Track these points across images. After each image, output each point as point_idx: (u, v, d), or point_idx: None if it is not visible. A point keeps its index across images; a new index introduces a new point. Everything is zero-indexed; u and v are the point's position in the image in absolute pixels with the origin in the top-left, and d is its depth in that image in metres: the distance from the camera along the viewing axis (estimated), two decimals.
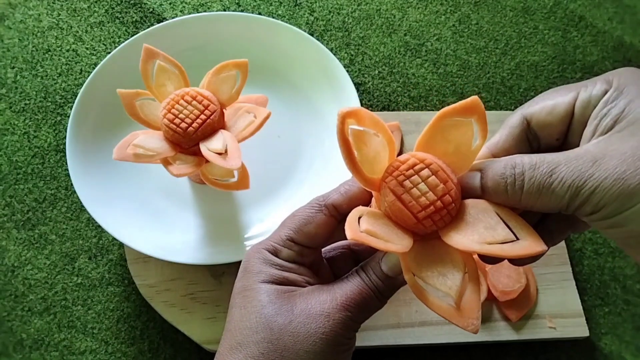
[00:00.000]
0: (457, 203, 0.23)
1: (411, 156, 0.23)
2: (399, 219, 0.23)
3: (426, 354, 0.43)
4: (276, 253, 0.26)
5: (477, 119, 0.23)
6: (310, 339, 0.23)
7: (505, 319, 0.42)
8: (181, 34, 0.46)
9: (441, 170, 0.23)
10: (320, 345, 0.23)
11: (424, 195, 0.22)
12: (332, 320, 0.24)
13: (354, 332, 0.25)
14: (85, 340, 0.43)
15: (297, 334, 0.24)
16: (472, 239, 0.22)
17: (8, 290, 0.44)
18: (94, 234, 0.46)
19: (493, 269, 0.43)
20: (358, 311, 0.24)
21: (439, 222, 0.23)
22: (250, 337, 0.24)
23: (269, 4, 0.58)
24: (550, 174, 0.21)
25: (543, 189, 0.21)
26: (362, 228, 0.22)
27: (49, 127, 0.50)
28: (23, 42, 0.54)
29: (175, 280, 0.43)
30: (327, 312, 0.24)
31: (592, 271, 0.47)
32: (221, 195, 0.43)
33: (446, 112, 0.23)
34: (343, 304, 0.24)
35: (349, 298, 0.24)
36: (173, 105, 0.36)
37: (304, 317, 0.24)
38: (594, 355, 0.44)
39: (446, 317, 0.21)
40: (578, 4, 0.60)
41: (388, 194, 0.23)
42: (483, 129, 0.23)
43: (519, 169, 0.22)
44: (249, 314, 0.25)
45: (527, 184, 0.22)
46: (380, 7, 0.59)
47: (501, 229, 0.21)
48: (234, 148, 0.34)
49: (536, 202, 0.22)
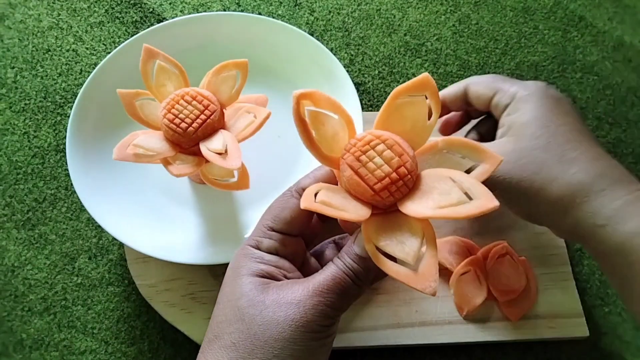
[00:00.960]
0: (413, 175, 0.24)
1: (368, 133, 0.24)
2: (357, 192, 0.24)
3: (426, 354, 0.43)
4: (258, 246, 0.27)
5: (430, 95, 0.24)
6: (279, 326, 0.24)
7: (505, 319, 0.42)
8: (181, 34, 0.46)
9: (397, 144, 0.24)
10: (290, 332, 0.23)
11: (380, 168, 0.23)
12: (303, 307, 0.24)
13: (330, 319, 0.25)
14: (85, 340, 0.43)
15: (267, 323, 0.24)
16: (426, 205, 0.22)
17: (8, 290, 0.44)
18: (94, 234, 0.46)
19: (493, 269, 0.43)
20: (333, 297, 0.24)
21: (396, 194, 0.23)
22: (225, 329, 0.25)
23: (269, 4, 0.58)
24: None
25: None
26: (318, 199, 0.23)
27: (49, 127, 0.50)
28: (23, 42, 0.54)
29: (175, 280, 0.43)
30: (297, 300, 0.24)
31: (592, 271, 0.47)
32: (221, 195, 0.43)
33: (399, 90, 0.24)
34: (315, 290, 0.24)
35: (321, 284, 0.24)
36: (173, 105, 0.36)
37: (275, 306, 0.24)
38: (594, 355, 0.44)
39: (405, 281, 0.22)
40: (578, 4, 0.60)
41: (346, 169, 0.24)
42: (436, 103, 0.24)
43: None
44: (225, 307, 0.25)
45: None
46: (380, 7, 0.59)
47: (455, 193, 0.22)
48: (234, 148, 0.34)
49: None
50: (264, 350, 0.23)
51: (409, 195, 0.24)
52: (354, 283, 0.25)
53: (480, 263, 0.43)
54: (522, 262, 0.44)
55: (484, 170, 0.23)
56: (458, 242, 0.44)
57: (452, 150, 0.24)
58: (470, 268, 0.43)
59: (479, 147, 0.24)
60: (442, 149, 0.25)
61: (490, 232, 0.46)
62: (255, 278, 0.26)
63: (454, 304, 0.43)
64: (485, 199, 0.21)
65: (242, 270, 0.26)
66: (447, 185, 0.23)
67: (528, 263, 0.44)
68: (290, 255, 0.28)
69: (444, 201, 0.22)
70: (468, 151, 0.24)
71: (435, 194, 0.23)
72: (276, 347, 0.23)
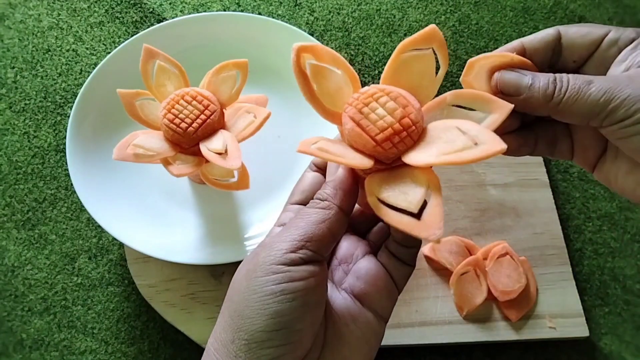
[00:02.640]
0: (418, 127, 0.23)
1: (372, 87, 0.24)
2: (359, 144, 0.23)
3: (426, 354, 0.43)
4: (279, 221, 0.27)
5: (438, 47, 0.23)
6: (239, 281, 0.23)
7: (505, 319, 0.42)
8: (181, 34, 0.46)
9: (401, 96, 0.23)
10: (245, 283, 0.23)
11: (382, 118, 0.23)
12: (257, 254, 0.23)
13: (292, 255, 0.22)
14: (85, 340, 0.43)
15: (234, 282, 0.24)
16: (430, 153, 0.22)
17: (8, 290, 0.44)
18: (94, 234, 0.46)
19: (493, 269, 0.43)
20: (293, 231, 0.23)
21: (399, 145, 0.23)
22: (223, 308, 0.25)
23: (269, 4, 0.58)
24: (589, 82, 0.24)
25: (581, 93, 0.24)
26: (316, 146, 0.22)
27: (49, 127, 0.50)
28: (23, 42, 0.54)
29: (175, 280, 0.43)
30: (257, 251, 0.24)
31: (592, 271, 0.47)
32: (221, 195, 0.43)
33: (405, 44, 0.23)
34: (273, 236, 0.24)
35: (282, 230, 0.24)
36: (173, 105, 0.36)
37: (245, 265, 0.24)
38: (594, 355, 0.44)
39: (407, 229, 0.21)
40: (578, 4, 0.60)
41: (348, 121, 0.23)
42: (444, 56, 0.23)
43: (562, 77, 0.25)
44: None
45: (570, 88, 0.24)
46: (380, 7, 0.59)
47: (460, 140, 0.21)
48: (234, 148, 0.34)
49: (572, 107, 0.24)
50: (229, 309, 0.23)
51: (413, 148, 0.23)
52: (321, 208, 0.24)
53: (480, 263, 0.43)
54: (522, 262, 0.44)
55: (493, 120, 0.22)
56: (458, 242, 0.44)
57: (460, 103, 0.23)
58: (470, 268, 0.43)
59: (488, 97, 0.23)
60: (450, 102, 0.24)
61: (490, 232, 0.46)
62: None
63: (454, 304, 0.43)
64: (492, 143, 0.20)
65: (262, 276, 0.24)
66: (452, 134, 0.22)
67: (528, 263, 0.44)
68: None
69: (449, 148, 0.21)
70: (477, 102, 0.23)
71: (441, 142, 0.22)
72: (235, 301, 0.23)
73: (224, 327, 0.23)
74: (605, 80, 0.24)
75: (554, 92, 0.25)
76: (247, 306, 0.22)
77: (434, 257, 0.44)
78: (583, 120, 0.24)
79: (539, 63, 0.28)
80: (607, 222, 0.49)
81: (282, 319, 0.22)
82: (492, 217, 0.47)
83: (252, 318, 0.22)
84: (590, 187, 0.51)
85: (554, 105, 0.24)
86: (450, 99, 0.24)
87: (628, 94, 0.23)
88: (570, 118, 0.25)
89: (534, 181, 0.49)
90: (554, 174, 0.51)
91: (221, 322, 0.24)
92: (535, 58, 0.28)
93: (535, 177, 0.49)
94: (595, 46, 0.28)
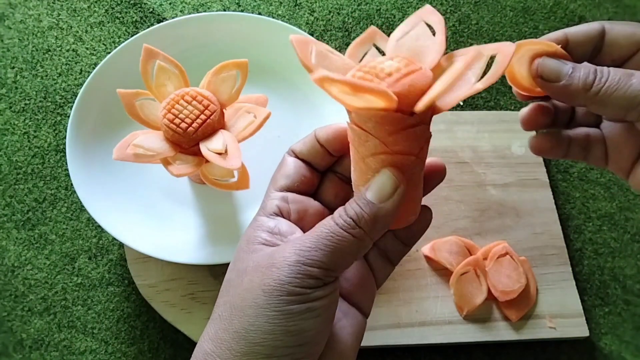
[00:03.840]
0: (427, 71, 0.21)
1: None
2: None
3: (426, 354, 0.43)
4: (263, 210, 0.26)
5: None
6: (253, 293, 0.22)
7: (505, 319, 0.42)
8: (181, 34, 0.46)
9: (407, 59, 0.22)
10: (263, 298, 0.21)
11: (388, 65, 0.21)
12: (277, 269, 0.22)
13: (314, 279, 0.22)
14: (85, 340, 0.43)
15: (244, 291, 0.22)
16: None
17: (8, 290, 0.44)
18: (94, 234, 0.46)
19: (493, 269, 0.43)
20: (318, 254, 0.22)
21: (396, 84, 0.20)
22: (217, 304, 0.24)
23: (269, 4, 0.58)
24: (630, 75, 0.24)
25: (621, 82, 0.24)
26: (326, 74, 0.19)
27: (49, 127, 0.50)
28: (23, 42, 0.54)
29: (175, 280, 0.43)
30: (273, 262, 0.22)
31: (592, 271, 0.47)
32: (221, 195, 0.43)
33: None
34: (294, 249, 0.22)
35: (303, 242, 0.22)
36: (173, 105, 0.36)
37: (253, 273, 0.23)
38: (594, 355, 0.44)
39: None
40: (578, 4, 0.60)
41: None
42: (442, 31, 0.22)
43: (602, 69, 0.25)
44: (223, 284, 0.25)
45: (610, 79, 0.24)
46: (380, 7, 0.59)
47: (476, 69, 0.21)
48: (234, 148, 0.34)
49: (610, 98, 0.24)
50: (241, 320, 0.22)
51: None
52: (352, 236, 0.22)
53: (480, 263, 0.43)
54: (522, 262, 0.44)
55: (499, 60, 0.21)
56: (458, 242, 0.44)
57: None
58: (470, 268, 0.43)
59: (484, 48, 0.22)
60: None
61: (490, 232, 0.46)
62: (250, 246, 0.24)
63: (454, 304, 0.43)
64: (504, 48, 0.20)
65: (241, 242, 0.25)
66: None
67: (528, 263, 0.44)
68: (295, 214, 0.26)
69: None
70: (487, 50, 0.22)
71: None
72: (251, 314, 0.22)
73: (234, 337, 0.22)
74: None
75: (594, 81, 0.25)
76: (267, 322, 0.21)
77: (434, 257, 0.44)
78: (620, 112, 0.24)
79: (579, 57, 0.27)
80: (607, 222, 0.49)
81: (307, 334, 0.22)
82: (492, 217, 0.47)
83: (275, 334, 0.21)
84: (590, 187, 0.51)
85: (593, 95, 0.24)
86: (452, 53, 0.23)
87: None
88: (608, 109, 0.25)
89: (534, 181, 0.49)
90: (554, 174, 0.51)
91: (227, 330, 0.22)
92: (576, 51, 0.27)
93: (535, 177, 0.49)
94: (638, 48, 0.27)
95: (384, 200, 0.22)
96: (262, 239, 0.24)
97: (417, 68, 0.21)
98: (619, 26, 0.27)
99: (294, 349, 0.22)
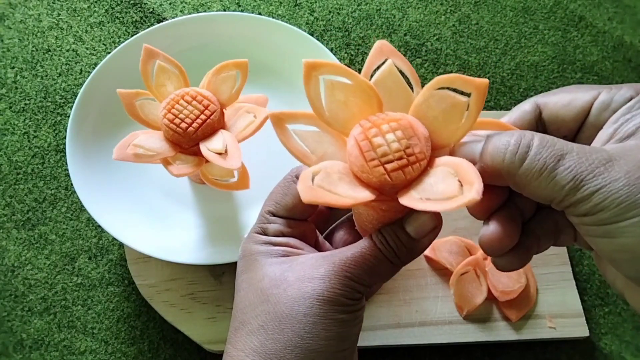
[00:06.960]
0: (421, 159, 0.22)
1: (387, 114, 0.23)
2: (354, 165, 0.22)
3: (426, 354, 0.43)
4: (265, 232, 0.26)
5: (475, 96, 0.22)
6: (307, 302, 0.23)
7: (505, 319, 0.42)
8: (181, 34, 0.46)
9: (411, 128, 0.22)
10: (319, 306, 0.23)
11: (388, 146, 0.22)
12: (329, 282, 0.23)
13: (359, 294, 0.24)
14: (85, 340, 0.43)
15: (293, 300, 0.23)
16: (414, 196, 0.21)
17: (8, 290, 0.44)
18: (94, 234, 0.46)
19: (493, 269, 0.43)
20: (361, 272, 0.23)
21: (393, 175, 0.21)
22: (250, 314, 0.24)
23: (269, 4, 0.58)
24: (559, 158, 0.20)
25: (545, 171, 0.20)
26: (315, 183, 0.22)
27: (49, 127, 0.50)
28: (23, 42, 0.54)
29: (175, 280, 0.43)
30: (322, 275, 0.23)
31: (592, 271, 0.47)
32: (221, 195, 0.43)
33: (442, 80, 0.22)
34: (342, 264, 0.23)
35: (349, 259, 0.23)
36: (173, 105, 0.36)
37: (299, 283, 0.23)
38: (594, 355, 0.44)
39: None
40: (578, 4, 0.60)
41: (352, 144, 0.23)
42: (477, 105, 0.22)
43: (526, 141, 0.20)
44: (247, 293, 0.25)
45: (531, 159, 0.20)
46: (380, 7, 0.59)
47: (445, 185, 0.21)
48: (234, 148, 0.34)
49: (531, 183, 0.20)
50: (294, 328, 0.23)
51: (413, 183, 0.22)
52: (390, 261, 0.24)
53: (480, 263, 0.43)
54: None
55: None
56: (458, 242, 0.44)
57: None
58: (470, 268, 0.43)
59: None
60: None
61: None
62: (273, 258, 0.25)
63: (454, 304, 0.43)
64: (472, 193, 0.20)
65: (256, 255, 0.25)
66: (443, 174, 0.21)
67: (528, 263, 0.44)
68: (299, 235, 0.26)
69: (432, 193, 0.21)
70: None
71: (428, 183, 0.21)
72: (307, 322, 0.23)
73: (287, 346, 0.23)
74: (580, 159, 0.19)
75: (505, 156, 0.21)
76: (324, 329, 0.23)
77: (434, 257, 0.44)
78: (544, 200, 0.21)
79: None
80: None
81: (353, 339, 0.25)
82: None
83: (330, 341, 0.23)
84: None
85: (510, 176, 0.21)
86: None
87: (599, 186, 0.19)
88: (530, 193, 0.21)
89: None
90: None
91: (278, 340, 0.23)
92: None
93: None
94: (583, 115, 0.23)
95: (422, 237, 0.24)
96: (282, 251, 0.25)
97: (415, 160, 0.22)
98: (554, 97, 0.24)
99: (344, 352, 0.24)
